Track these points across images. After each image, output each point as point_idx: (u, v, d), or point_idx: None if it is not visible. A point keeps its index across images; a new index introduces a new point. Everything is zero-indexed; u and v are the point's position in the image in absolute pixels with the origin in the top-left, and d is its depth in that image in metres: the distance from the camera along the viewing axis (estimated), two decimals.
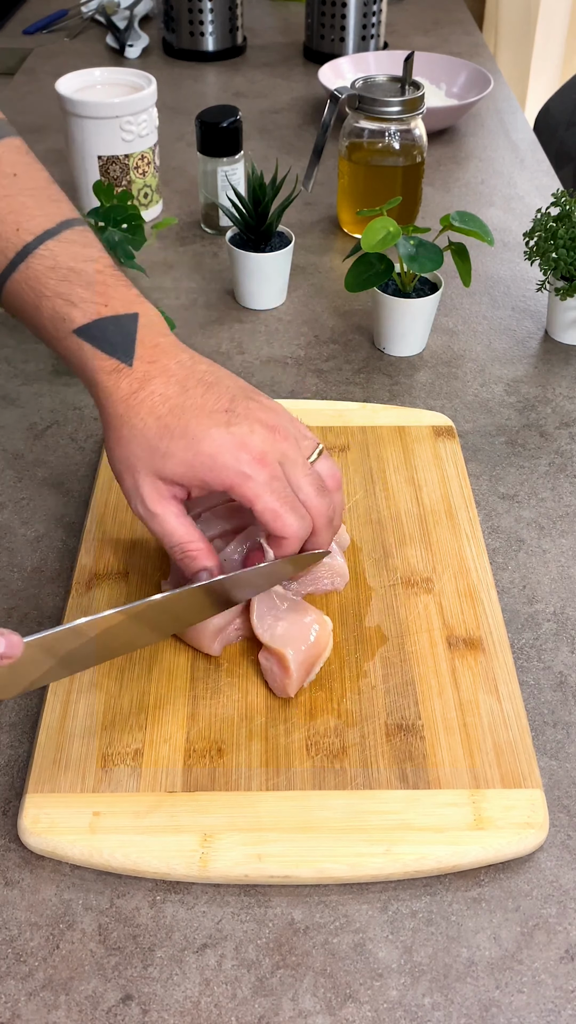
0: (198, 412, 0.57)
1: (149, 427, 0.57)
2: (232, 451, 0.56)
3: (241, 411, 0.57)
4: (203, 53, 1.62)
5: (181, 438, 0.56)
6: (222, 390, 0.58)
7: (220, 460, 0.56)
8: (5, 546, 0.74)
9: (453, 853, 0.53)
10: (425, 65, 1.42)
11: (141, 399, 0.57)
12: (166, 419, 0.56)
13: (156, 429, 0.56)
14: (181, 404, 0.57)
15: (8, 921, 0.52)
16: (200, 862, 0.52)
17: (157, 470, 0.57)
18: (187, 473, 0.56)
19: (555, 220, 0.90)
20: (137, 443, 0.57)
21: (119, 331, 0.58)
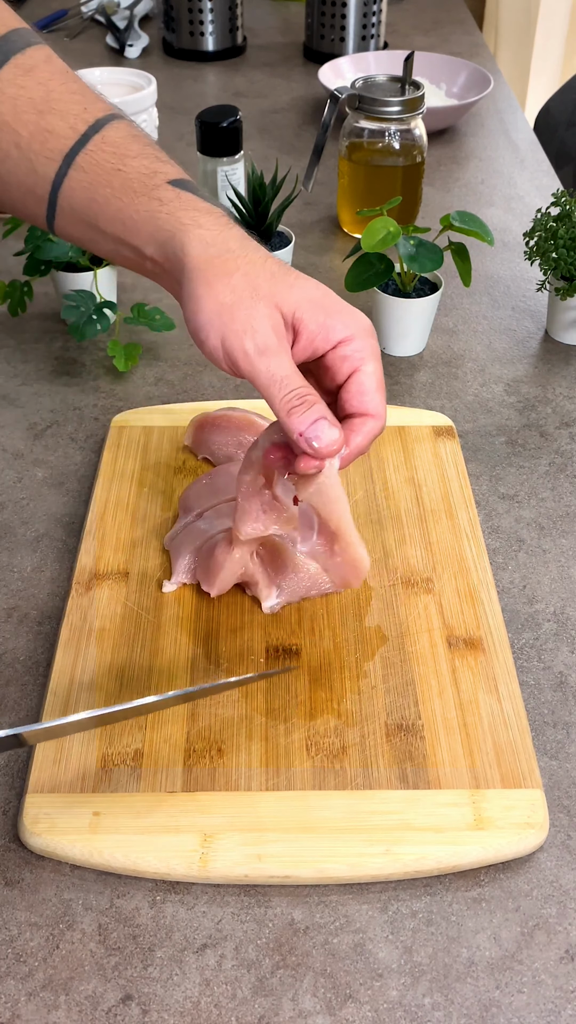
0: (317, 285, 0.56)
1: (270, 262, 0.54)
2: (355, 310, 0.55)
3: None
4: (203, 53, 1.62)
5: (308, 281, 0.54)
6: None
7: (349, 307, 0.55)
8: (5, 546, 0.74)
9: (453, 853, 0.53)
10: (425, 65, 1.42)
11: (255, 246, 0.55)
12: (285, 267, 0.54)
13: (278, 267, 0.54)
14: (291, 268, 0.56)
15: (8, 921, 0.52)
16: (200, 862, 0.52)
17: (279, 299, 0.53)
18: (312, 308, 0.53)
19: (555, 220, 0.90)
20: (257, 273, 0.53)
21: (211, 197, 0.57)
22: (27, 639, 0.66)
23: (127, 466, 0.78)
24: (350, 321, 0.55)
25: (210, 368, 0.92)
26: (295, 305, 0.53)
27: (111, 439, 0.80)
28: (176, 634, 0.65)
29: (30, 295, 0.93)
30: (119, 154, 0.56)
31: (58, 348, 0.94)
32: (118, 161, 0.56)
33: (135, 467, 0.78)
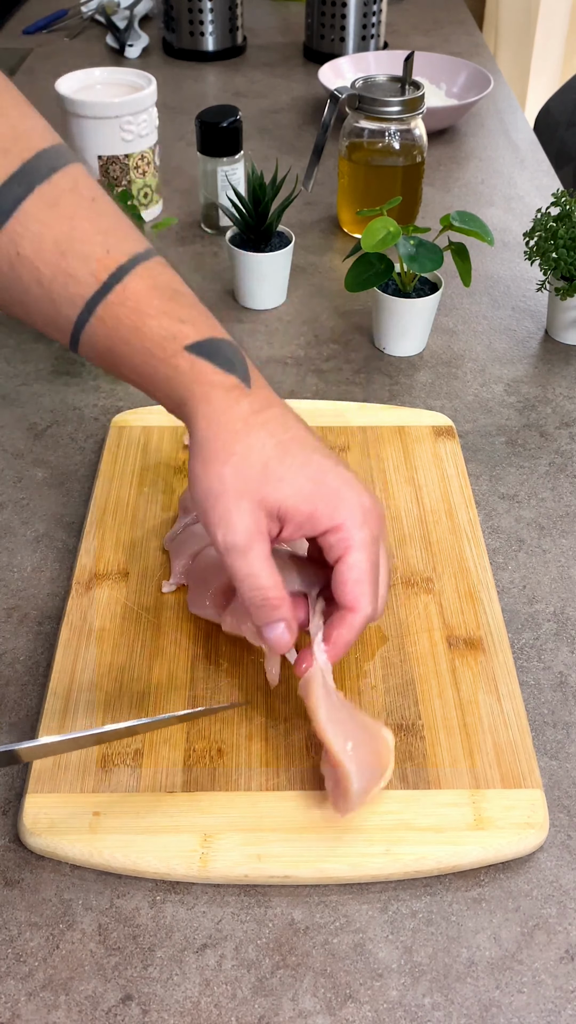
0: (319, 450, 0.54)
1: (268, 447, 0.53)
2: (353, 494, 0.54)
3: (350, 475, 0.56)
4: (203, 53, 1.62)
5: (303, 466, 0.53)
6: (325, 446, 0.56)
7: (342, 495, 0.53)
8: (5, 546, 0.74)
9: (453, 853, 0.53)
10: (425, 65, 1.42)
11: (263, 420, 0.54)
12: (287, 444, 0.54)
13: (277, 451, 0.53)
14: (303, 437, 0.54)
15: (8, 921, 0.52)
16: (200, 862, 0.52)
17: (265, 495, 0.53)
18: (299, 503, 0.53)
19: (555, 220, 0.90)
20: (251, 462, 0.53)
21: (234, 353, 0.55)
22: (27, 639, 0.66)
23: (127, 466, 0.78)
24: (341, 510, 0.53)
25: None
26: (280, 501, 0.53)
27: (111, 439, 0.80)
28: (176, 634, 0.65)
29: None
30: (139, 311, 0.55)
31: (58, 348, 0.94)
32: (138, 319, 0.55)
33: (135, 467, 0.78)
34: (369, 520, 0.54)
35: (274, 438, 0.54)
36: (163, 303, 0.55)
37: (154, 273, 0.56)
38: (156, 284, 0.55)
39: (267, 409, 0.55)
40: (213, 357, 0.54)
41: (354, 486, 0.54)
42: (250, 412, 0.54)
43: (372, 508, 0.55)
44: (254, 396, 0.55)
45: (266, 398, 0.55)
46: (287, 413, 0.56)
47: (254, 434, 0.53)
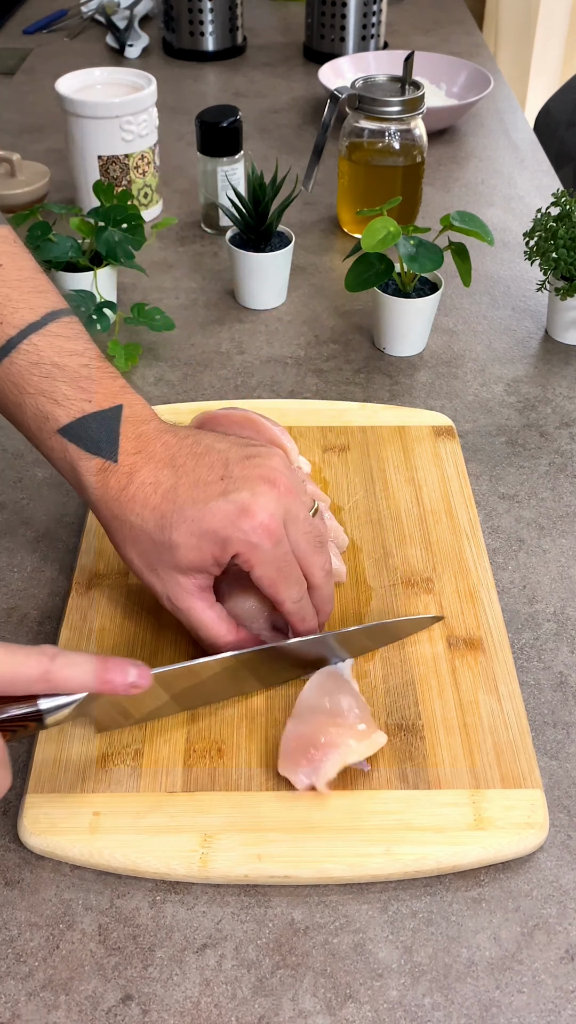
0: (192, 489, 0.55)
1: (147, 521, 0.55)
2: (235, 520, 0.54)
3: (237, 474, 0.55)
4: (203, 53, 1.62)
5: (181, 522, 0.54)
6: (214, 456, 0.56)
7: (224, 533, 0.54)
8: (5, 546, 0.74)
9: (453, 853, 0.53)
10: (425, 65, 1.42)
11: (131, 494, 0.56)
12: (161, 507, 0.55)
13: (153, 522, 0.55)
14: (173, 486, 0.55)
15: (8, 921, 0.52)
16: (200, 862, 0.52)
17: (170, 564, 0.55)
18: (197, 557, 0.55)
19: (555, 220, 0.90)
20: (141, 543, 0.56)
21: (103, 427, 0.57)
22: (27, 639, 0.66)
23: None
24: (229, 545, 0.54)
25: (210, 368, 0.92)
26: (184, 562, 0.55)
27: None
28: (176, 634, 0.65)
29: None
30: (19, 387, 0.58)
31: None
32: (18, 396, 0.58)
33: None
34: (260, 534, 0.54)
35: (147, 507, 0.55)
36: (40, 381, 0.57)
37: (41, 346, 0.58)
38: (39, 359, 0.58)
39: (134, 479, 0.56)
40: (80, 440, 0.57)
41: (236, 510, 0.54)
42: (119, 490, 0.56)
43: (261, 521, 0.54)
44: (120, 470, 0.56)
45: (132, 465, 0.56)
46: (158, 466, 0.56)
47: (129, 512, 0.56)
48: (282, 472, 0.56)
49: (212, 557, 0.55)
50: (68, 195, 1.19)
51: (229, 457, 0.56)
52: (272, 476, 0.56)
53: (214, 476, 0.55)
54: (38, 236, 0.89)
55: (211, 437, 0.58)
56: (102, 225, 0.91)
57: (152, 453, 0.57)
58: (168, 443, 0.57)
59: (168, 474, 0.56)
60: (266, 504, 0.55)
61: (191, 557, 0.55)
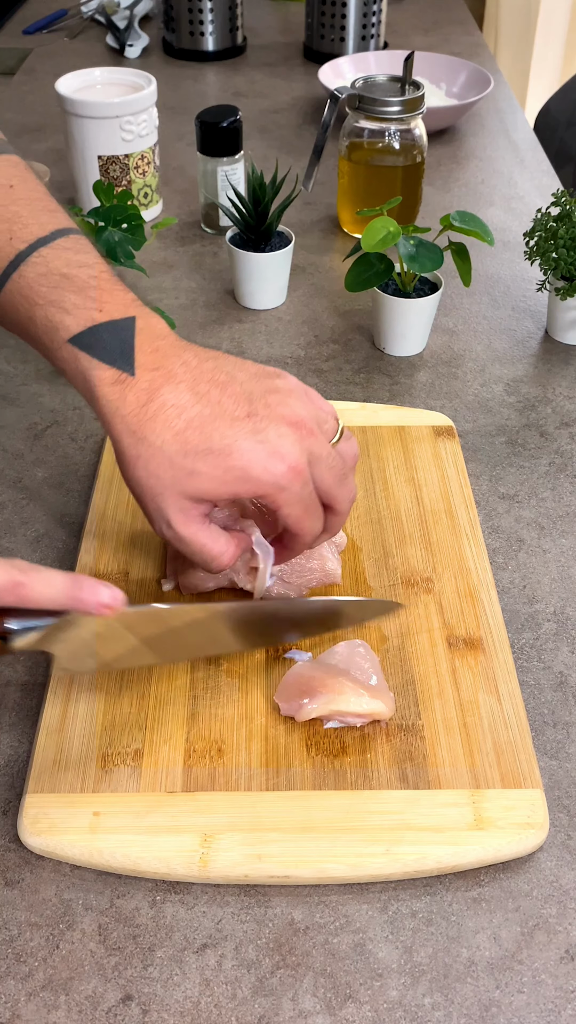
0: (219, 422, 0.54)
1: (168, 444, 0.53)
2: (264, 461, 0.53)
3: (263, 412, 0.54)
4: (203, 53, 1.62)
5: (207, 454, 0.53)
6: (237, 388, 0.55)
7: (253, 473, 0.53)
8: (5, 546, 0.74)
9: (453, 853, 0.53)
10: (425, 65, 1.42)
11: (152, 412, 0.54)
12: (185, 434, 0.53)
13: (176, 446, 0.53)
14: (199, 414, 0.54)
15: (8, 921, 0.52)
16: (200, 862, 0.52)
17: (183, 490, 0.54)
18: (216, 488, 0.54)
19: (555, 220, 0.90)
20: (156, 463, 0.54)
21: (116, 338, 0.55)
22: None
23: None
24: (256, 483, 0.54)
25: None
26: (198, 492, 0.54)
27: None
28: None
29: None
30: (29, 299, 0.56)
31: None
32: (29, 309, 0.57)
33: None
34: (289, 476, 0.54)
35: (170, 429, 0.54)
36: (49, 291, 0.56)
37: (50, 258, 0.57)
38: (48, 270, 0.57)
39: (154, 397, 0.54)
40: (92, 349, 0.55)
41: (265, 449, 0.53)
42: (137, 407, 0.54)
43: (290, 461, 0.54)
44: (139, 385, 0.54)
45: (151, 381, 0.54)
46: (178, 388, 0.54)
47: (149, 431, 0.54)
48: (305, 408, 0.56)
49: (230, 491, 0.54)
50: (68, 195, 1.19)
51: (252, 391, 0.55)
52: (296, 417, 0.55)
53: (240, 412, 0.54)
54: None
55: (230, 363, 0.57)
56: (102, 225, 0.91)
57: (172, 372, 0.55)
58: (188, 363, 0.56)
59: (191, 399, 0.54)
60: (292, 447, 0.54)
61: (209, 487, 0.54)
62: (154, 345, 0.56)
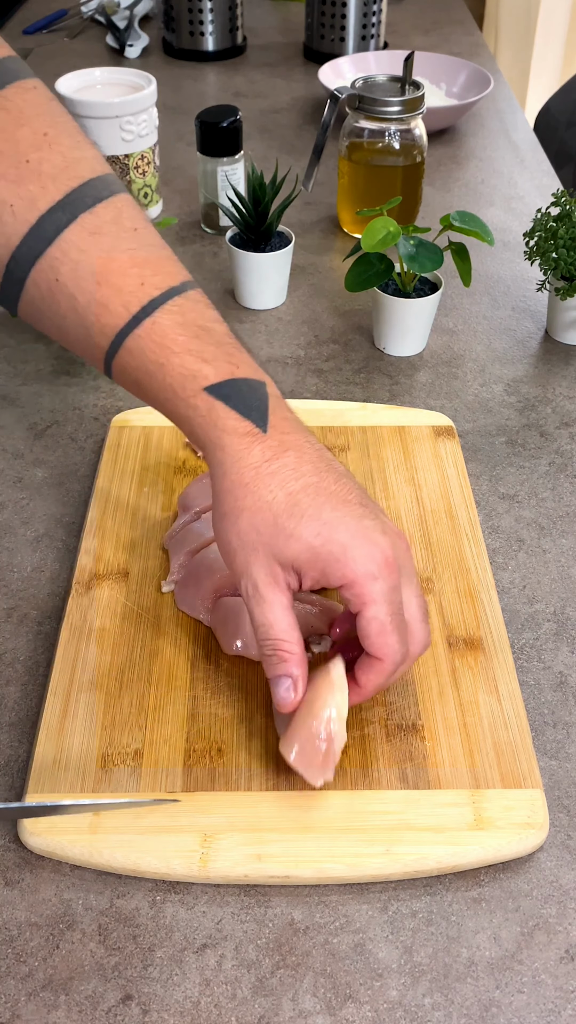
0: (332, 497, 0.53)
1: (278, 501, 0.53)
2: (365, 545, 0.52)
3: (372, 507, 0.54)
4: (203, 53, 1.62)
5: (313, 520, 0.52)
6: (352, 483, 0.55)
7: (351, 552, 0.52)
8: (5, 546, 0.74)
9: (453, 853, 0.53)
10: (425, 65, 1.42)
11: (273, 469, 0.53)
12: (297, 496, 0.53)
13: (285, 505, 0.53)
14: (315, 484, 0.53)
15: (8, 921, 0.52)
16: (200, 862, 0.52)
17: (278, 551, 0.53)
18: (310, 559, 0.52)
19: (555, 220, 0.90)
20: (261, 516, 0.53)
21: (254, 394, 0.55)
22: (27, 639, 0.66)
23: (127, 466, 0.78)
24: (351, 567, 0.52)
25: None
26: (292, 558, 0.53)
27: (111, 439, 0.80)
28: (176, 634, 0.65)
29: None
30: (164, 347, 0.55)
31: (58, 348, 0.94)
32: (162, 355, 0.55)
33: (135, 467, 0.78)
34: (385, 570, 0.52)
35: (284, 489, 0.53)
36: (188, 340, 0.55)
37: (185, 308, 0.56)
38: (185, 320, 0.55)
39: (280, 456, 0.54)
40: (230, 400, 0.54)
41: (367, 536, 0.53)
42: (261, 461, 0.54)
43: (388, 556, 0.53)
44: (268, 442, 0.54)
45: (280, 442, 0.54)
46: (302, 457, 0.54)
47: (264, 486, 0.53)
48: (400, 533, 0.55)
49: (322, 567, 0.52)
50: None
51: (363, 493, 0.55)
52: (396, 530, 0.55)
53: (354, 499, 0.54)
54: None
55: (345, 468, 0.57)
56: None
57: (299, 443, 0.55)
58: (313, 443, 0.56)
59: (311, 470, 0.54)
60: (394, 548, 0.53)
61: (304, 556, 0.52)
62: (284, 414, 0.56)
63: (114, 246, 0.55)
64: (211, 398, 0.54)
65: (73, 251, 0.55)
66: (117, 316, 0.55)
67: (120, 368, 0.57)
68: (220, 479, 0.55)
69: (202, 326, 0.56)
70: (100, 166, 0.58)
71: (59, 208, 0.54)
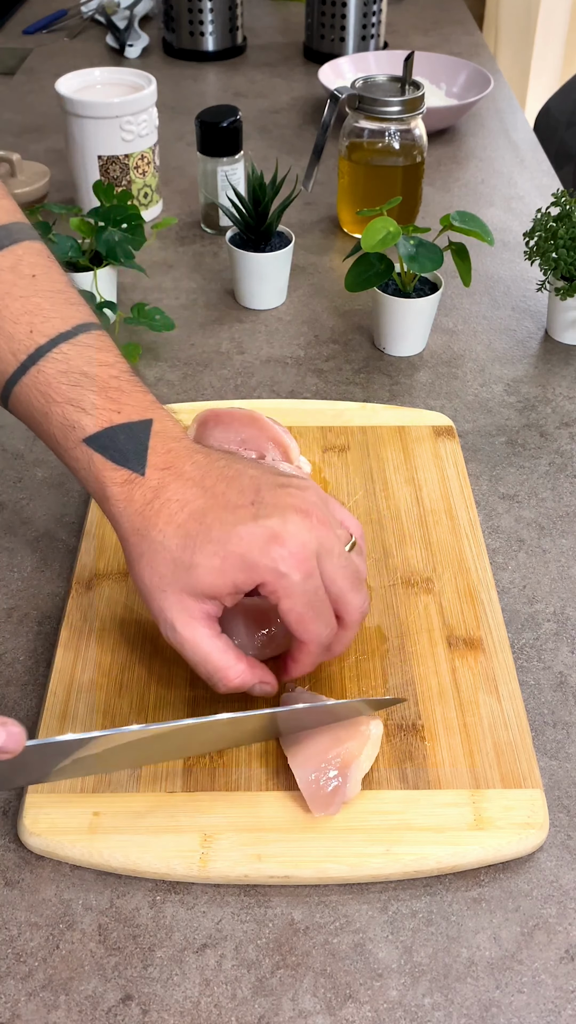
0: (221, 511, 0.52)
1: (168, 538, 0.53)
2: (263, 546, 0.51)
3: (269, 500, 0.53)
4: (203, 53, 1.62)
5: (206, 543, 0.52)
6: (246, 481, 0.54)
7: (250, 558, 0.51)
8: (5, 546, 0.74)
9: (453, 853, 0.53)
10: (425, 65, 1.42)
11: (157, 508, 0.53)
12: (186, 525, 0.52)
13: (177, 539, 0.52)
14: (202, 507, 0.53)
15: (8, 921, 0.52)
16: (200, 862, 0.52)
17: (185, 586, 0.52)
18: (217, 581, 0.52)
19: (555, 220, 0.90)
20: (159, 558, 0.53)
21: (131, 439, 0.55)
22: (27, 639, 0.66)
23: None
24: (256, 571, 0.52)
25: (210, 368, 0.92)
26: (202, 588, 0.52)
27: None
28: None
29: None
30: (47, 395, 0.56)
31: None
32: (45, 405, 0.56)
33: None
34: (291, 563, 0.52)
35: (172, 523, 0.53)
36: (69, 389, 0.56)
37: (71, 355, 0.56)
38: (68, 367, 0.56)
39: (160, 493, 0.54)
40: (106, 451, 0.55)
41: (264, 536, 0.52)
42: (143, 504, 0.54)
43: (293, 548, 0.52)
44: (147, 483, 0.54)
45: (160, 480, 0.54)
46: (185, 483, 0.54)
47: (153, 527, 0.53)
48: (316, 503, 0.54)
49: (233, 583, 0.52)
50: (68, 195, 1.19)
51: (261, 483, 0.54)
52: (305, 506, 0.53)
53: (244, 500, 0.53)
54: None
55: (244, 462, 0.56)
56: (102, 225, 0.91)
57: (181, 471, 0.54)
58: (199, 463, 0.55)
59: (196, 493, 0.54)
60: (297, 533, 0.52)
61: (210, 580, 0.52)
62: (167, 447, 0.55)
63: (8, 293, 0.57)
64: (89, 450, 0.55)
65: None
66: (6, 363, 0.57)
67: (14, 412, 0.59)
68: (116, 530, 0.55)
69: (85, 372, 0.56)
70: (6, 216, 0.59)
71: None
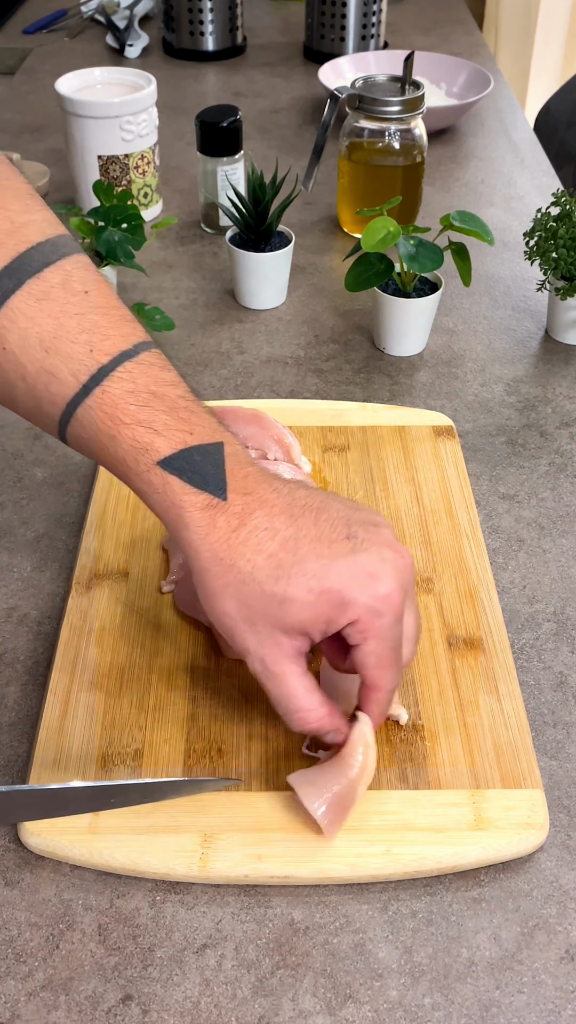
0: (314, 542, 0.51)
1: (259, 568, 0.50)
2: (362, 584, 0.50)
3: (362, 535, 0.51)
4: (203, 53, 1.62)
5: (300, 576, 0.50)
6: (333, 513, 0.52)
7: (348, 595, 0.50)
8: (5, 546, 0.74)
9: (453, 853, 0.53)
10: (425, 65, 1.42)
11: (244, 537, 0.51)
12: (278, 555, 0.50)
13: (268, 570, 0.50)
14: (294, 536, 0.51)
15: (8, 921, 0.52)
16: (200, 862, 0.52)
17: (276, 620, 0.50)
18: (311, 617, 0.50)
19: (555, 220, 0.90)
20: (248, 589, 0.50)
21: (208, 461, 0.52)
22: (27, 639, 0.66)
23: None
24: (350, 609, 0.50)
25: (210, 368, 0.92)
26: (292, 622, 0.50)
27: None
28: (176, 634, 0.65)
29: None
30: (115, 418, 0.52)
31: None
32: (113, 427, 0.52)
33: None
34: (386, 605, 0.50)
35: (262, 553, 0.50)
36: (138, 410, 0.52)
37: (136, 374, 0.53)
38: (135, 387, 0.53)
39: (247, 521, 0.51)
40: (184, 473, 0.52)
41: (363, 573, 0.50)
42: (229, 531, 0.51)
43: (390, 588, 0.51)
44: (231, 509, 0.51)
45: (245, 506, 0.52)
46: (272, 511, 0.52)
47: (240, 556, 0.51)
48: (397, 541, 0.53)
49: (325, 619, 0.50)
50: (68, 195, 1.19)
51: (350, 518, 0.52)
52: (396, 547, 0.52)
53: (338, 535, 0.51)
54: None
55: (322, 493, 0.54)
56: (102, 225, 0.91)
57: (264, 497, 0.52)
58: (279, 490, 0.53)
59: (285, 522, 0.51)
60: (394, 574, 0.51)
61: (303, 615, 0.50)
62: (244, 471, 0.53)
63: (62, 311, 0.53)
64: (165, 473, 0.52)
65: (20, 319, 0.52)
66: (67, 386, 0.53)
67: (74, 438, 0.54)
68: (194, 559, 0.52)
69: (154, 392, 0.53)
70: (51, 228, 0.55)
71: (5, 274, 0.52)
